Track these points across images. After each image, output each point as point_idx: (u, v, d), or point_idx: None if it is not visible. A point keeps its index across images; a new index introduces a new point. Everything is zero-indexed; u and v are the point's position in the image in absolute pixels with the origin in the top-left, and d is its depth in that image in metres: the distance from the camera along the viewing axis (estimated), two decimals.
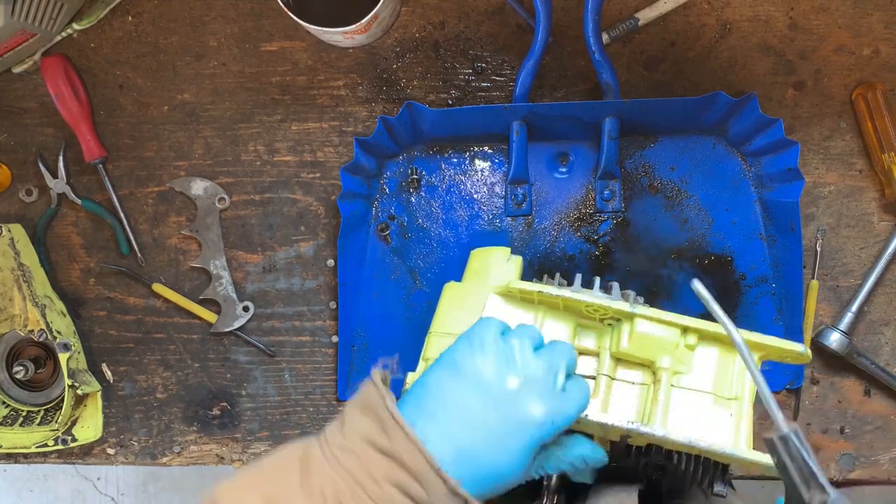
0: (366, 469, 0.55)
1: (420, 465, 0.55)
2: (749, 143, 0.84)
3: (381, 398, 0.57)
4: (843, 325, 0.85)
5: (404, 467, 0.55)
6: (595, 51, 0.81)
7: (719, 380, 0.66)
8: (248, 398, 0.90)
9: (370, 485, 0.55)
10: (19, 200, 0.90)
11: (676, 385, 0.66)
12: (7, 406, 0.89)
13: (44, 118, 0.90)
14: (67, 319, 0.88)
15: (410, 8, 0.88)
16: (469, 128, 0.84)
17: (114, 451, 0.91)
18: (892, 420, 0.87)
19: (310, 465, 0.56)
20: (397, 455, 0.55)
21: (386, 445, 0.56)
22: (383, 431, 0.56)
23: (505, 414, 0.57)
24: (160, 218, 0.90)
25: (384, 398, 0.57)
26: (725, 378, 0.66)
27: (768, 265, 0.85)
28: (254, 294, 0.90)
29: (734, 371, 0.66)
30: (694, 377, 0.66)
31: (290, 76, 0.89)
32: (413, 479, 0.55)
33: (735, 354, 0.66)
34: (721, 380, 0.66)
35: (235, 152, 0.89)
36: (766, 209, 0.84)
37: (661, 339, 0.65)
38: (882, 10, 0.85)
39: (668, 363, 0.65)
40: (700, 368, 0.66)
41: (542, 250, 0.87)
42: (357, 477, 0.55)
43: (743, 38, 0.86)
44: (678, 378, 0.66)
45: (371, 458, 0.56)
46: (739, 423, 0.65)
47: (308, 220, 0.89)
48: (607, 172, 0.85)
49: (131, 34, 0.89)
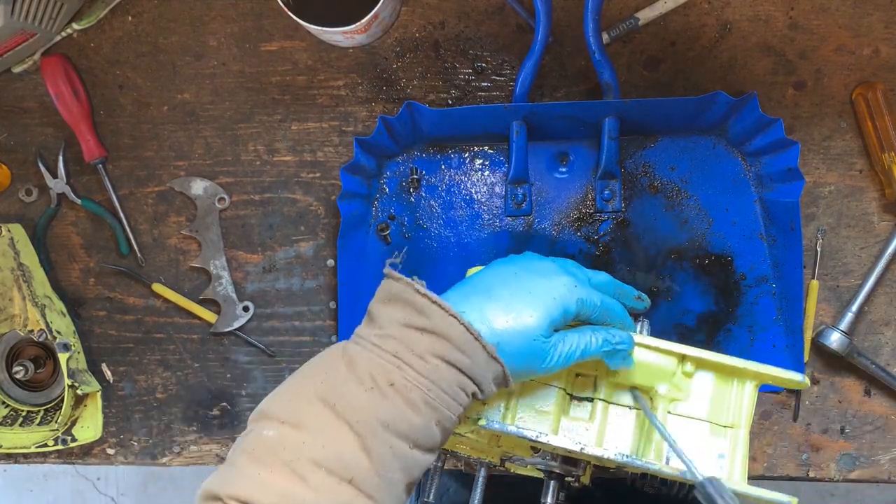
0: (408, 348, 0.58)
1: (460, 335, 0.57)
2: (749, 142, 0.84)
3: (407, 286, 0.59)
4: (843, 325, 0.85)
5: (447, 339, 0.57)
6: (595, 51, 0.81)
7: (715, 407, 0.66)
8: (248, 398, 0.90)
9: (416, 361, 0.57)
10: (19, 200, 0.90)
11: (673, 412, 0.66)
12: (7, 406, 0.89)
13: (44, 118, 0.90)
14: (67, 319, 0.88)
15: (410, 8, 0.88)
16: (469, 128, 0.84)
17: (114, 451, 0.91)
18: (892, 420, 0.87)
19: (353, 359, 0.58)
20: (438, 329, 0.58)
21: (425, 323, 0.58)
22: (419, 313, 0.58)
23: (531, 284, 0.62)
24: (160, 218, 0.90)
25: (412, 285, 0.59)
26: (722, 406, 0.67)
27: (768, 265, 0.85)
28: (254, 294, 0.90)
29: (731, 399, 0.67)
30: (691, 404, 0.67)
31: (290, 76, 0.89)
32: (456, 348, 0.57)
33: (732, 382, 0.67)
34: (717, 407, 0.67)
35: (235, 152, 0.89)
36: (767, 209, 0.84)
37: (658, 367, 0.66)
38: (882, 10, 0.85)
39: (666, 391, 0.66)
40: (697, 395, 0.67)
41: (542, 250, 0.87)
42: (402, 356, 0.57)
43: (743, 38, 0.86)
44: (675, 405, 0.66)
45: (413, 337, 0.58)
46: (734, 452, 0.65)
47: (308, 220, 0.89)
48: (607, 172, 0.85)
49: (131, 34, 0.89)
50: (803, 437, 0.87)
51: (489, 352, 0.58)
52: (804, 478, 0.87)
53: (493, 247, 0.87)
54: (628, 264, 0.86)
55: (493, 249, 0.87)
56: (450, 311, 0.58)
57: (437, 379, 0.57)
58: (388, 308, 0.60)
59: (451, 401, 0.58)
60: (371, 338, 0.59)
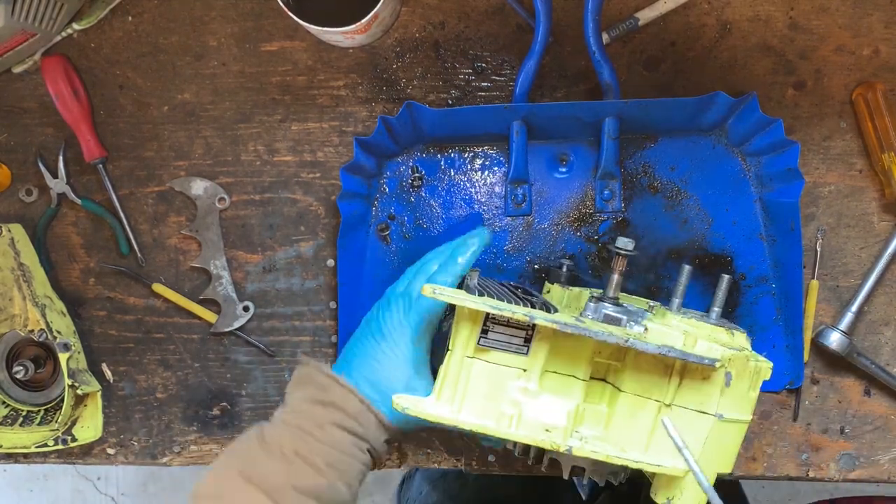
0: (311, 420, 0.67)
1: (356, 406, 0.67)
2: (749, 143, 0.84)
3: (314, 368, 0.70)
4: (843, 325, 0.85)
5: (342, 410, 0.67)
6: (595, 51, 0.81)
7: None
8: (248, 398, 0.90)
9: (316, 431, 0.66)
10: (19, 200, 0.90)
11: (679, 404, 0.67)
12: (7, 406, 0.89)
13: (44, 118, 0.90)
14: (67, 319, 0.88)
15: (410, 8, 0.88)
16: (469, 128, 0.84)
17: (114, 451, 0.91)
18: (892, 420, 0.87)
19: (264, 436, 0.67)
20: (335, 402, 0.67)
21: (324, 397, 0.68)
22: (321, 390, 0.68)
23: (379, 352, 0.70)
24: (160, 218, 0.90)
25: (318, 367, 0.70)
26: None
27: (768, 265, 0.85)
28: (254, 294, 0.90)
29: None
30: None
31: (290, 76, 0.89)
32: (350, 417, 0.67)
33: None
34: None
35: (235, 152, 0.89)
36: (766, 209, 0.84)
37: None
38: (882, 10, 0.85)
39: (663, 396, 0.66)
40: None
41: (541, 250, 0.87)
42: (305, 427, 0.67)
43: (743, 38, 0.86)
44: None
45: (315, 411, 0.68)
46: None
47: (308, 220, 0.89)
48: (607, 172, 0.85)
49: (131, 34, 0.89)
50: (803, 436, 0.87)
51: (381, 420, 0.68)
52: (804, 478, 0.87)
53: (494, 247, 0.87)
54: (628, 264, 0.86)
55: (494, 249, 0.87)
56: (346, 386, 0.68)
57: (335, 444, 0.67)
58: (297, 390, 0.70)
59: (350, 459, 0.67)
60: (281, 416, 0.69)
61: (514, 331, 0.66)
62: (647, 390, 0.66)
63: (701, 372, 0.65)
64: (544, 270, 0.86)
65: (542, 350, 0.66)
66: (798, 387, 0.86)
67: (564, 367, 0.67)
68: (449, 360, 0.66)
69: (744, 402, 0.67)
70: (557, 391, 0.67)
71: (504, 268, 0.87)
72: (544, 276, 0.87)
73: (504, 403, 0.66)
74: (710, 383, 0.66)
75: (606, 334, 0.62)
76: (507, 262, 0.87)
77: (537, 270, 0.87)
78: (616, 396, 0.67)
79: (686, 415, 0.66)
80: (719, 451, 0.67)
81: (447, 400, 0.66)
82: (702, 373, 0.65)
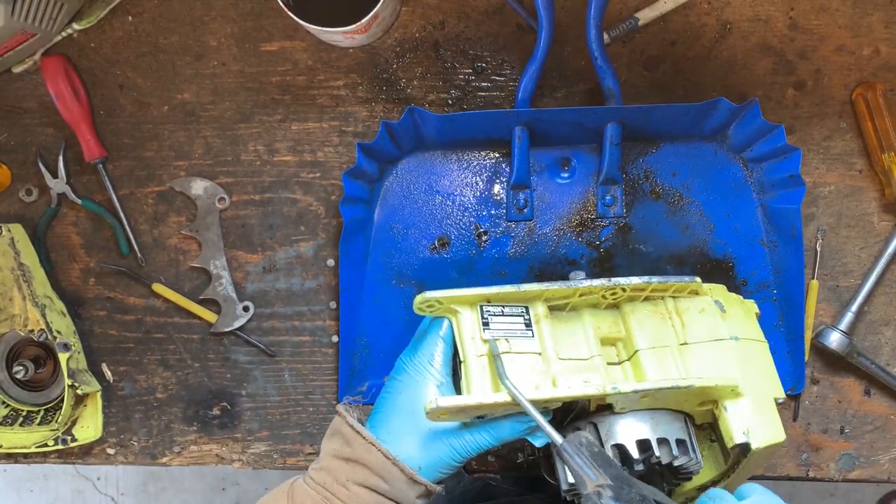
0: (334, 478, 0.65)
1: (379, 461, 0.64)
2: (751, 149, 0.83)
3: (342, 419, 0.67)
4: (843, 325, 0.85)
5: (366, 466, 0.64)
6: (597, 56, 0.81)
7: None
8: (248, 398, 0.90)
9: (340, 490, 0.64)
10: (19, 200, 0.90)
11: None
12: (7, 406, 0.89)
13: (44, 118, 0.90)
14: (67, 319, 0.88)
15: (410, 8, 0.88)
16: (471, 132, 0.84)
17: (114, 451, 0.91)
18: (892, 420, 0.87)
19: (294, 492, 0.66)
20: (359, 458, 0.65)
21: (349, 453, 0.65)
22: (346, 444, 0.66)
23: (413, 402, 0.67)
24: (160, 218, 0.90)
25: (345, 417, 0.67)
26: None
27: (769, 271, 0.85)
28: (254, 294, 0.90)
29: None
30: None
31: (290, 76, 0.89)
32: (374, 474, 0.64)
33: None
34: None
35: (235, 152, 0.89)
36: (768, 215, 0.84)
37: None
38: (882, 10, 0.85)
39: None
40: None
41: (543, 255, 0.87)
42: (329, 486, 0.65)
43: (743, 38, 0.86)
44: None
45: (338, 467, 0.65)
46: None
47: (308, 220, 0.89)
48: (609, 178, 0.85)
49: (131, 34, 0.89)
50: (803, 437, 0.87)
51: (408, 475, 0.64)
52: (804, 478, 0.87)
53: (496, 252, 0.87)
54: (629, 270, 0.86)
55: (496, 255, 0.87)
56: (369, 439, 0.65)
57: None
58: (328, 441, 0.68)
59: None
60: (311, 471, 0.68)
61: (512, 318, 0.66)
62: (659, 340, 0.67)
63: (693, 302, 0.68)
64: (546, 276, 0.86)
65: (545, 328, 0.66)
66: (799, 392, 0.86)
67: (575, 350, 0.67)
68: (466, 369, 0.66)
69: (748, 326, 0.68)
70: (579, 371, 0.66)
71: (506, 273, 0.87)
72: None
73: (536, 380, 0.65)
74: (708, 314, 0.67)
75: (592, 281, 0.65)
76: (509, 268, 0.87)
77: (538, 276, 0.86)
78: (637, 361, 0.67)
79: (705, 349, 0.66)
80: (760, 374, 0.67)
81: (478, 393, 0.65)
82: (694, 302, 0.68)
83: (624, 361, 0.69)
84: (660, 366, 0.66)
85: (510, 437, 0.65)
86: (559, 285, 0.66)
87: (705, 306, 0.68)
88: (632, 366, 0.68)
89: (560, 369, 0.65)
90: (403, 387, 0.67)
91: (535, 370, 0.65)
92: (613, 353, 0.69)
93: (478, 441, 0.65)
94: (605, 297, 0.68)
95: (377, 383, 0.87)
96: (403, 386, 0.67)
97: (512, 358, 0.65)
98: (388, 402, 0.68)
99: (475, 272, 0.86)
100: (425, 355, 0.68)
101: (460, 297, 0.66)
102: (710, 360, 0.66)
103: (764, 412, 0.65)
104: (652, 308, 0.69)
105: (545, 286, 0.66)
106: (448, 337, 0.68)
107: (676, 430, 0.66)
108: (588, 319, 0.68)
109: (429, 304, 0.66)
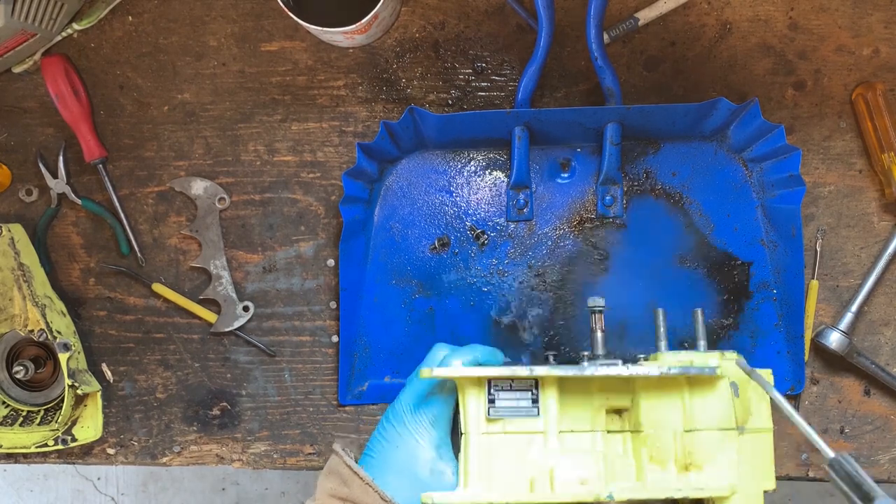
0: None
1: (375, 501, 0.64)
2: (751, 149, 0.83)
3: (338, 458, 0.67)
4: (843, 324, 0.85)
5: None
6: (598, 56, 0.81)
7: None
8: (248, 398, 0.90)
9: None
10: (19, 200, 0.90)
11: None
12: (7, 406, 0.89)
13: (44, 118, 0.90)
14: (67, 319, 0.88)
15: (410, 8, 0.88)
16: (471, 132, 0.84)
17: (114, 451, 0.91)
18: (892, 420, 0.87)
19: None
20: (356, 499, 0.65)
21: (346, 493, 0.65)
22: (344, 484, 0.66)
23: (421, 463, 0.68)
24: (160, 218, 0.90)
25: (343, 457, 0.67)
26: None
27: (769, 271, 0.85)
28: (254, 294, 0.90)
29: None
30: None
31: (290, 76, 0.89)
32: None
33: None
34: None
35: (235, 152, 0.89)
36: (768, 215, 0.84)
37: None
38: (882, 10, 0.85)
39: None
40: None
41: (543, 255, 0.87)
42: None
43: (743, 38, 0.86)
44: None
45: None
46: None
47: (308, 220, 0.89)
48: (609, 178, 0.85)
49: (131, 34, 0.89)
50: (803, 437, 0.87)
51: None
52: (804, 478, 0.87)
53: (496, 252, 0.87)
54: (629, 270, 0.86)
55: (496, 255, 0.87)
56: (366, 480, 0.65)
57: None
58: (324, 480, 0.68)
59: None
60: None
61: (519, 394, 0.66)
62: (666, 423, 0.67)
63: (707, 386, 0.66)
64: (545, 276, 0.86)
65: (551, 406, 0.67)
66: (799, 392, 0.86)
67: (579, 423, 0.68)
68: (466, 443, 0.66)
69: (758, 411, 0.67)
70: (580, 448, 0.67)
71: (505, 273, 0.87)
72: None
73: (533, 470, 0.66)
74: (720, 399, 0.66)
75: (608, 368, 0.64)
76: (509, 268, 0.87)
77: (538, 275, 0.86)
78: (638, 440, 0.67)
79: (709, 438, 0.66)
80: (756, 467, 0.67)
81: (475, 483, 0.66)
82: (709, 386, 0.66)
83: (626, 432, 0.69)
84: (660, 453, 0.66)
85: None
86: (573, 371, 0.65)
87: (719, 391, 0.66)
88: (633, 440, 0.68)
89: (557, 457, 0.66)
90: (402, 441, 0.68)
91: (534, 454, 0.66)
92: (617, 421, 0.70)
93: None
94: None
95: (377, 383, 0.87)
96: (402, 441, 0.68)
97: (513, 438, 0.66)
98: (383, 452, 0.69)
99: (475, 272, 0.87)
100: (427, 414, 0.68)
101: (468, 377, 0.66)
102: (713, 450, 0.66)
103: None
104: (664, 390, 0.67)
105: (558, 372, 0.65)
106: (451, 399, 0.69)
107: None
108: (597, 391, 0.68)
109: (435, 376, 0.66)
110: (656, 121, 0.82)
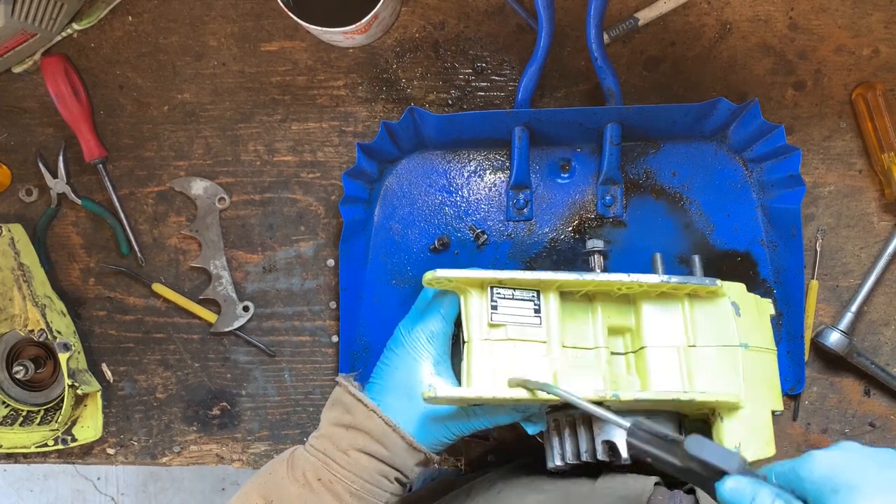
0: (335, 444, 0.65)
1: (380, 428, 0.64)
2: (751, 149, 0.83)
3: (342, 388, 0.67)
4: (843, 324, 0.85)
5: (367, 433, 0.65)
6: (598, 56, 0.81)
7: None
8: (248, 398, 0.90)
9: (340, 456, 0.65)
10: (19, 200, 0.90)
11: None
12: (7, 406, 0.89)
13: (44, 118, 0.90)
14: (67, 319, 0.88)
15: (410, 8, 0.88)
16: (471, 133, 0.84)
17: (114, 451, 0.91)
18: (891, 420, 0.87)
19: (294, 460, 0.67)
20: (360, 425, 0.65)
21: (350, 420, 0.66)
22: (347, 412, 0.66)
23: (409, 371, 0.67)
24: (160, 218, 0.90)
25: (346, 387, 0.67)
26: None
27: (769, 271, 0.85)
28: (254, 294, 0.90)
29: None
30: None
31: (290, 76, 0.89)
32: (374, 440, 0.64)
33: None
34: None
35: (235, 152, 0.89)
36: (768, 215, 0.84)
37: None
38: (882, 10, 0.85)
39: None
40: None
41: (543, 255, 0.87)
42: (329, 453, 0.65)
43: (743, 38, 0.86)
44: None
45: (339, 434, 0.66)
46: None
47: (308, 220, 0.89)
48: (609, 178, 0.85)
49: (131, 34, 0.89)
50: (803, 436, 0.87)
51: (408, 442, 0.65)
52: None
53: (495, 252, 0.87)
54: (629, 270, 0.86)
55: (496, 255, 0.87)
56: (370, 406, 0.65)
57: (359, 471, 0.64)
58: (328, 411, 0.69)
59: (375, 489, 0.65)
60: (311, 439, 0.68)
61: (521, 303, 0.66)
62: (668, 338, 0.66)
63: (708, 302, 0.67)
64: None
65: (553, 315, 0.66)
66: (799, 392, 0.86)
67: (582, 339, 0.67)
68: (469, 350, 0.65)
69: (760, 332, 0.68)
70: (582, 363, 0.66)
71: None
72: None
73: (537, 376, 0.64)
74: (721, 317, 0.67)
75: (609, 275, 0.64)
76: (509, 267, 0.87)
77: None
78: (641, 360, 0.67)
79: (713, 354, 0.66)
80: (763, 386, 0.67)
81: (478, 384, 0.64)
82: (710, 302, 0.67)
83: (629, 353, 0.69)
84: (664, 368, 0.66)
85: (506, 422, 0.67)
86: (575, 276, 0.65)
87: (720, 308, 0.67)
88: (636, 359, 0.68)
89: (562, 365, 0.65)
90: (401, 362, 0.68)
91: (538, 360, 0.65)
92: (620, 343, 0.69)
93: (473, 424, 0.66)
94: (619, 289, 0.68)
95: None
96: (401, 361, 0.68)
97: (515, 345, 0.65)
98: (384, 376, 0.69)
99: None
100: (424, 331, 0.68)
101: (472, 278, 0.65)
102: (716, 367, 0.66)
103: (759, 427, 0.66)
104: (666, 305, 0.68)
105: (560, 276, 0.65)
106: (450, 316, 0.68)
107: (670, 431, 0.66)
108: (599, 307, 0.68)
109: (438, 280, 0.65)
110: (656, 121, 0.82)
